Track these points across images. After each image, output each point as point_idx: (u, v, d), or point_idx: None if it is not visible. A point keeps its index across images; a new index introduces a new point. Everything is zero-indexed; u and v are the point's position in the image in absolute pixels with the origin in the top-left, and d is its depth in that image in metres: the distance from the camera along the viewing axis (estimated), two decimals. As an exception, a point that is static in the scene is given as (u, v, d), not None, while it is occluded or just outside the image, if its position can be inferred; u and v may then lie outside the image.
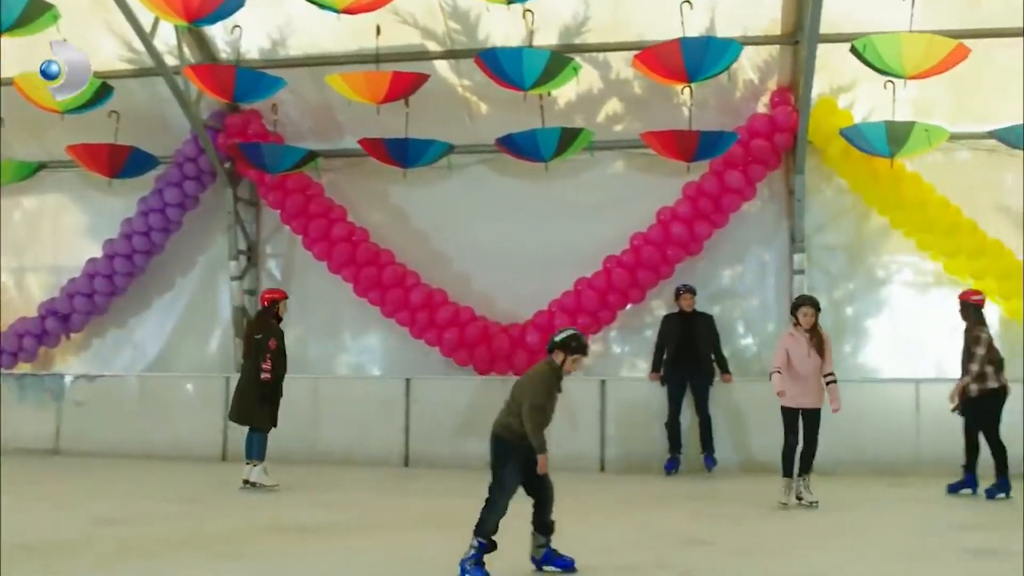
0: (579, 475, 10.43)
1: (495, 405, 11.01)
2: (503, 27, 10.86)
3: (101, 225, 12.94)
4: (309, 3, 9.44)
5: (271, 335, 9.48)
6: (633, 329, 12.01)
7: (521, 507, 5.80)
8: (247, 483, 9.34)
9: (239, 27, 10.93)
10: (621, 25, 10.92)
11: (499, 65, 9.85)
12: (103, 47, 11.58)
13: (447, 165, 11.45)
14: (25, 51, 10.05)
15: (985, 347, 8.85)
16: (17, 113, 11.64)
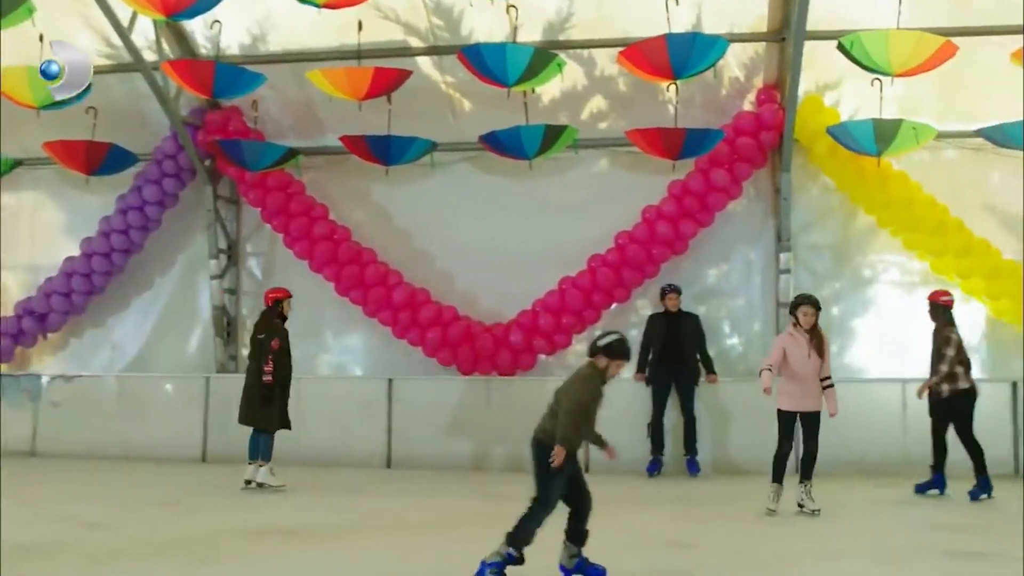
0: (563, 476, 10.48)
1: (479, 405, 11.26)
2: (486, 23, 10.80)
3: (79, 223, 12.82)
4: (290, -2, 9.35)
5: (274, 335, 9.45)
6: (618, 328, 11.80)
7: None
8: (249, 483, 9.26)
9: (219, 22, 10.82)
10: (606, 21, 10.84)
11: (482, 61, 9.74)
12: (80, 41, 11.32)
13: (430, 163, 11.35)
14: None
15: (955, 348, 8.84)
16: (-8, 109, 11.48)
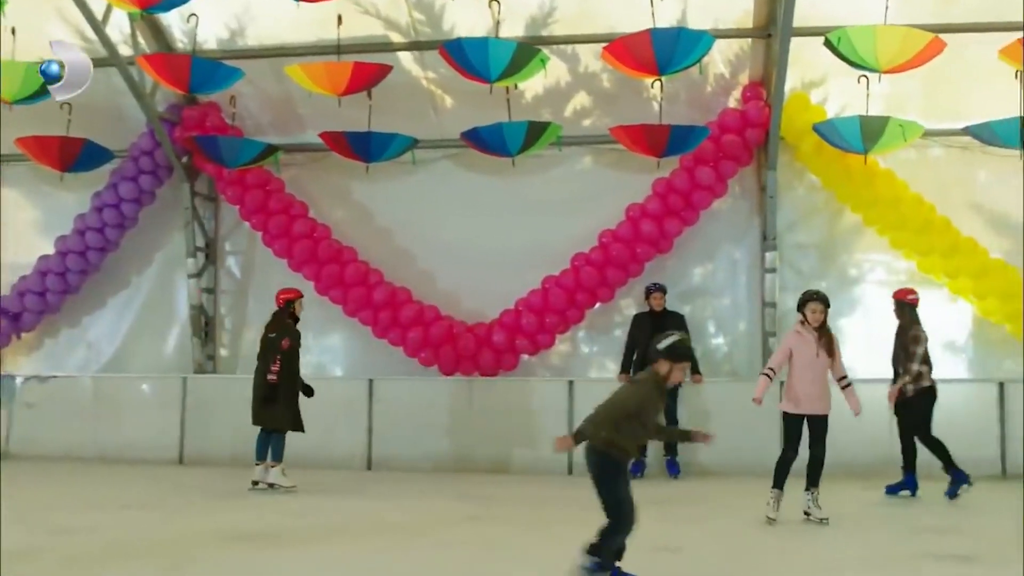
0: (547, 478, 10.40)
1: (461, 406, 11.13)
2: (468, 18, 10.63)
3: (53, 221, 12.60)
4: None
5: (285, 334, 9.43)
6: (602, 329, 11.85)
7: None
8: (256, 484, 9.26)
9: (195, 16, 10.60)
10: (589, 16, 10.73)
11: (464, 56, 9.59)
12: (53, 35, 11.07)
13: (411, 160, 11.21)
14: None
15: (924, 347, 8.83)
16: (-38, 104, 11.25)
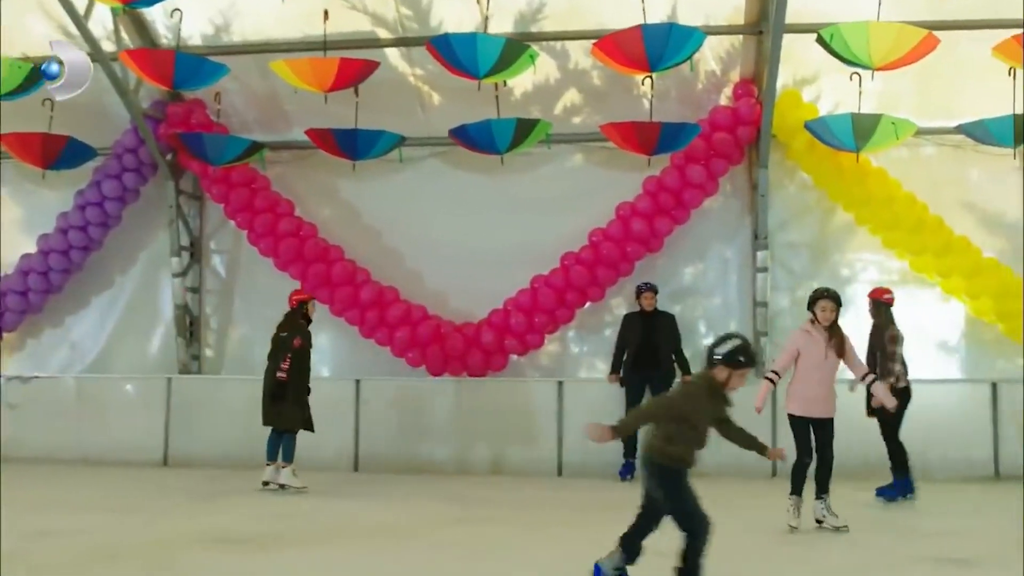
0: (537, 479, 10.34)
1: (449, 407, 11.00)
2: (456, 14, 10.55)
3: (35, 219, 12.47)
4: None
5: (296, 334, 9.50)
6: (592, 329, 11.74)
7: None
8: (267, 484, 9.29)
9: (179, 11, 10.48)
10: (579, 13, 10.63)
11: (452, 52, 9.45)
12: (35, 30, 11.12)
13: (398, 158, 11.08)
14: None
15: (901, 346, 8.76)
16: (-58, 101, 11.10)
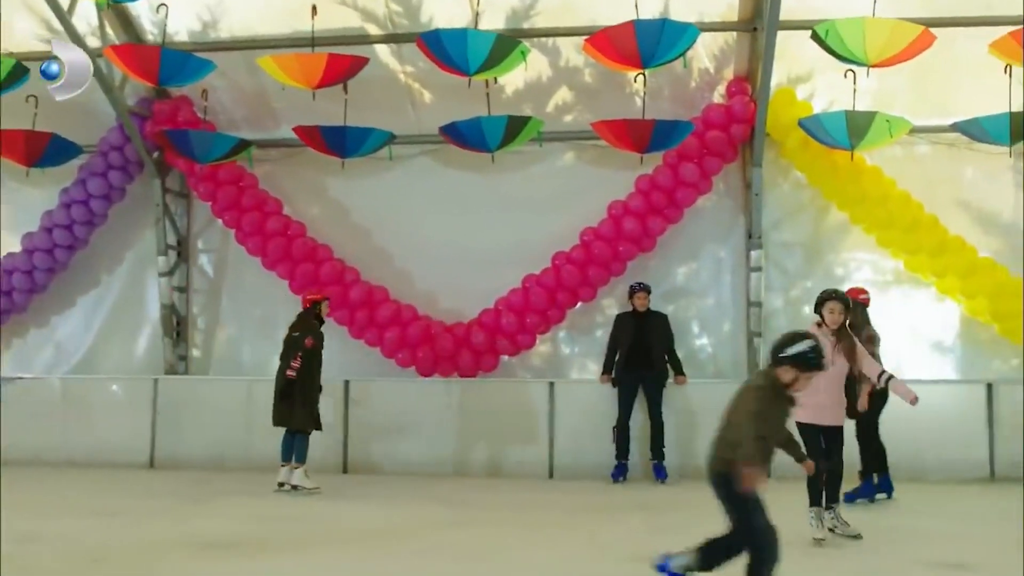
0: (528, 482, 10.21)
1: (439, 408, 10.85)
2: (447, 10, 10.42)
3: (20, 218, 12.25)
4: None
5: (308, 333, 9.46)
6: (583, 329, 11.61)
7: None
8: (282, 486, 9.25)
9: (165, 5, 10.35)
10: (571, 9, 10.47)
11: (442, 48, 9.32)
12: (18, 25, 10.97)
13: (388, 156, 10.94)
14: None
15: (878, 346, 8.59)
16: (-75, 97, 10.92)
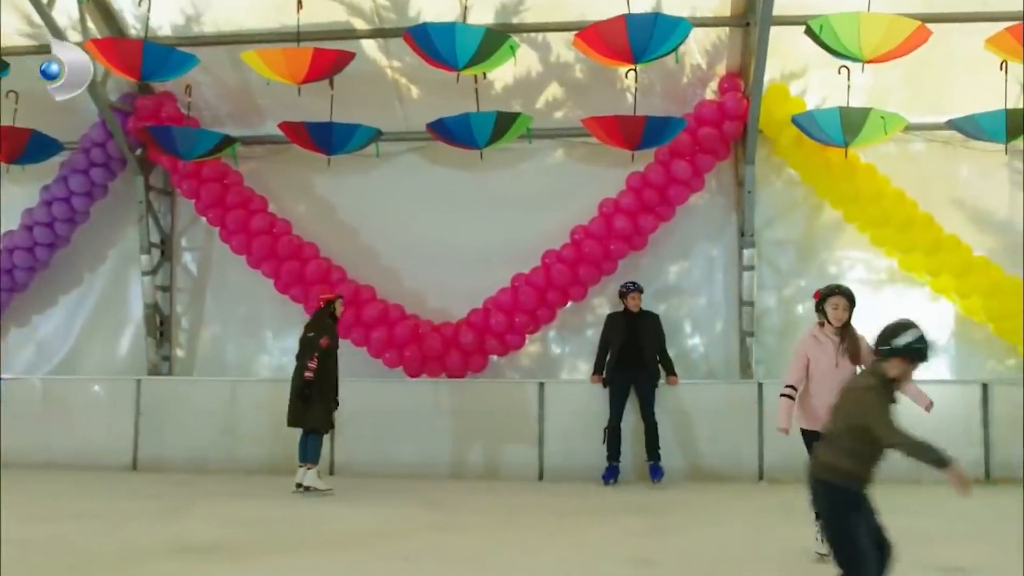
0: (517, 484, 10.07)
1: (426, 409, 10.69)
2: (435, 5, 10.18)
3: (-1, 216, 12.11)
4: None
5: (323, 333, 9.48)
6: (574, 328, 11.49)
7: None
8: (299, 487, 9.27)
9: (148, -1, 10.16)
10: (561, 4, 10.31)
11: (430, 42, 9.14)
12: (-3, 19, 10.75)
13: (375, 153, 10.78)
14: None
15: None
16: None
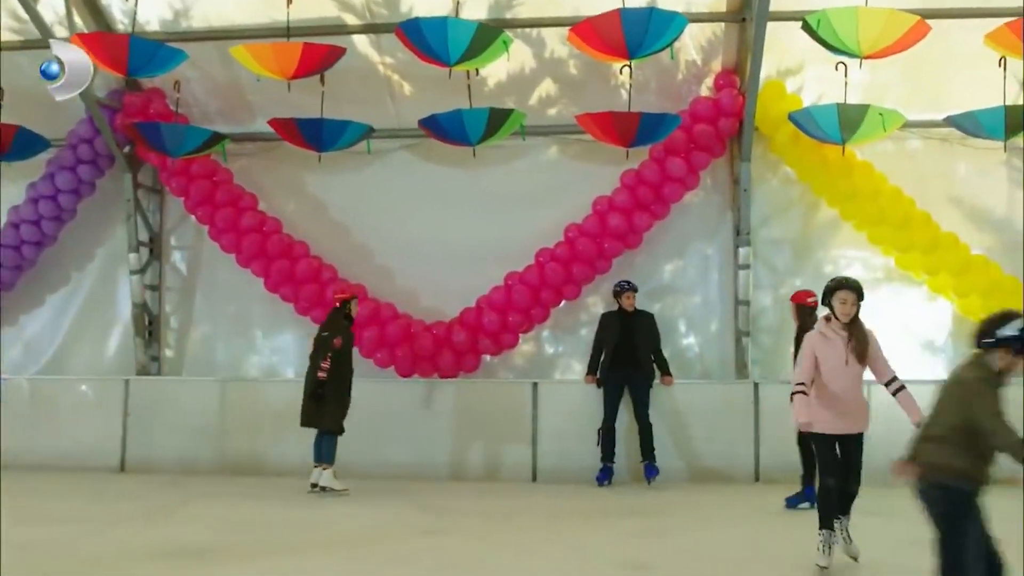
0: (510, 486, 9.97)
1: (418, 409, 10.57)
2: (427, 0, 10.08)
3: (-16, 213, 11.97)
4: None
5: (337, 333, 9.45)
6: (568, 328, 11.40)
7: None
8: (314, 487, 9.27)
9: (135, -8, 10.03)
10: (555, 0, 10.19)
11: (422, 37, 9.02)
12: (-19, 14, 10.62)
13: (367, 150, 10.68)
14: None
15: None
16: None
